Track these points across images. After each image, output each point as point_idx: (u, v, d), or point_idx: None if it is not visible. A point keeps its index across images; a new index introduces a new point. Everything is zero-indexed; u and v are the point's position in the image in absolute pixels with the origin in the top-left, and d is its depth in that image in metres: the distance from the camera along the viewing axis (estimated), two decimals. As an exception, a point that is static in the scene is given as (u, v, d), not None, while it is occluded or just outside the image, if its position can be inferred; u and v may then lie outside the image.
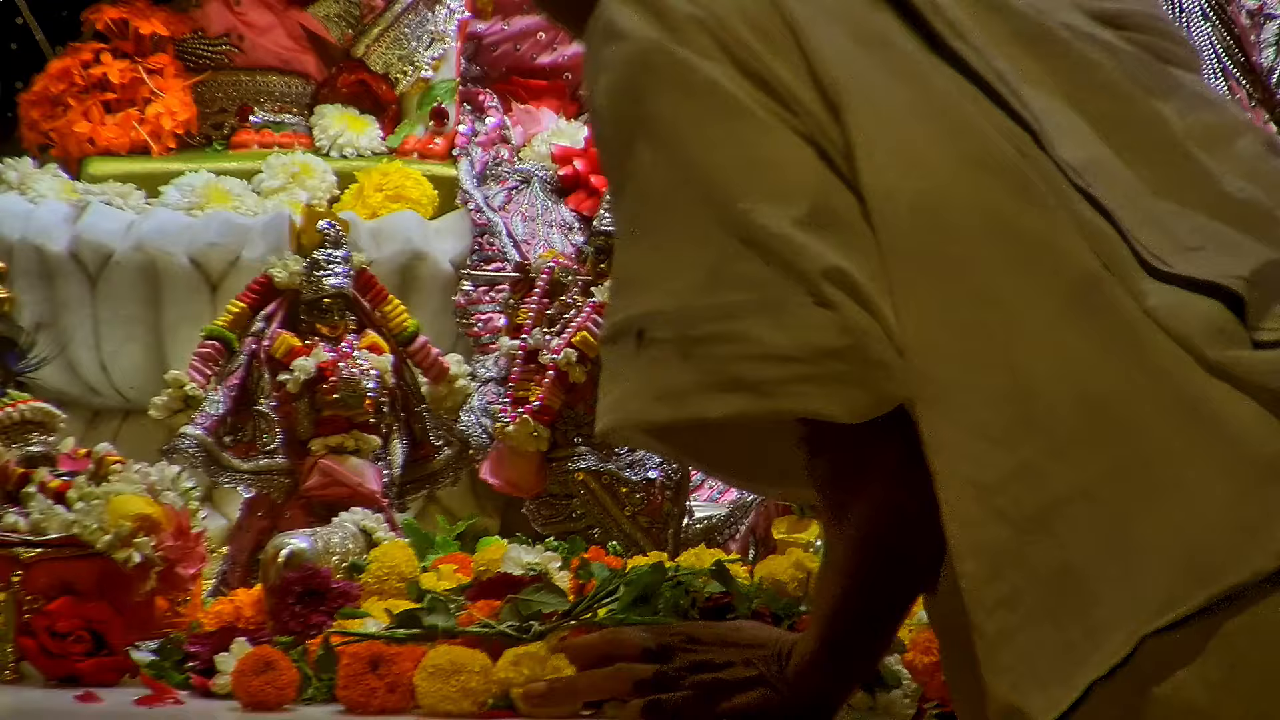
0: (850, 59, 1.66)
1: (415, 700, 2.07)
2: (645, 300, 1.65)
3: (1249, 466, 1.57)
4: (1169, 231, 1.65)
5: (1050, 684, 1.56)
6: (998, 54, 1.70)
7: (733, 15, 1.66)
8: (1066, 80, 1.71)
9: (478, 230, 3.12)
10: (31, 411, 2.57)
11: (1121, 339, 1.59)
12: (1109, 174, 1.67)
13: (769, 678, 1.87)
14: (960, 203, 1.63)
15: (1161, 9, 1.84)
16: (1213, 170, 1.71)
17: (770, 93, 1.65)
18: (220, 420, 2.65)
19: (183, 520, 2.41)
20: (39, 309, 3.06)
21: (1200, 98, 1.79)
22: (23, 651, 2.29)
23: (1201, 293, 1.60)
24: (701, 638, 1.93)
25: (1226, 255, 1.65)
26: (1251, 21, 3.14)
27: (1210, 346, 1.59)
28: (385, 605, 2.22)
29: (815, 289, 1.60)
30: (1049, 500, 1.57)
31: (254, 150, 3.33)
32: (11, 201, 3.18)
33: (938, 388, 1.60)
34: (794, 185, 1.63)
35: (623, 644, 1.95)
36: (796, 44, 1.66)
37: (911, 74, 1.68)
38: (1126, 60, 1.75)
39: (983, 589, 1.58)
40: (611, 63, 1.70)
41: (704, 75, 1.65)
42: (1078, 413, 1.58)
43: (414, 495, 2.80)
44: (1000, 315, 1.60)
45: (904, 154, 1.64)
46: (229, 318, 2.70)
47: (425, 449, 2.77)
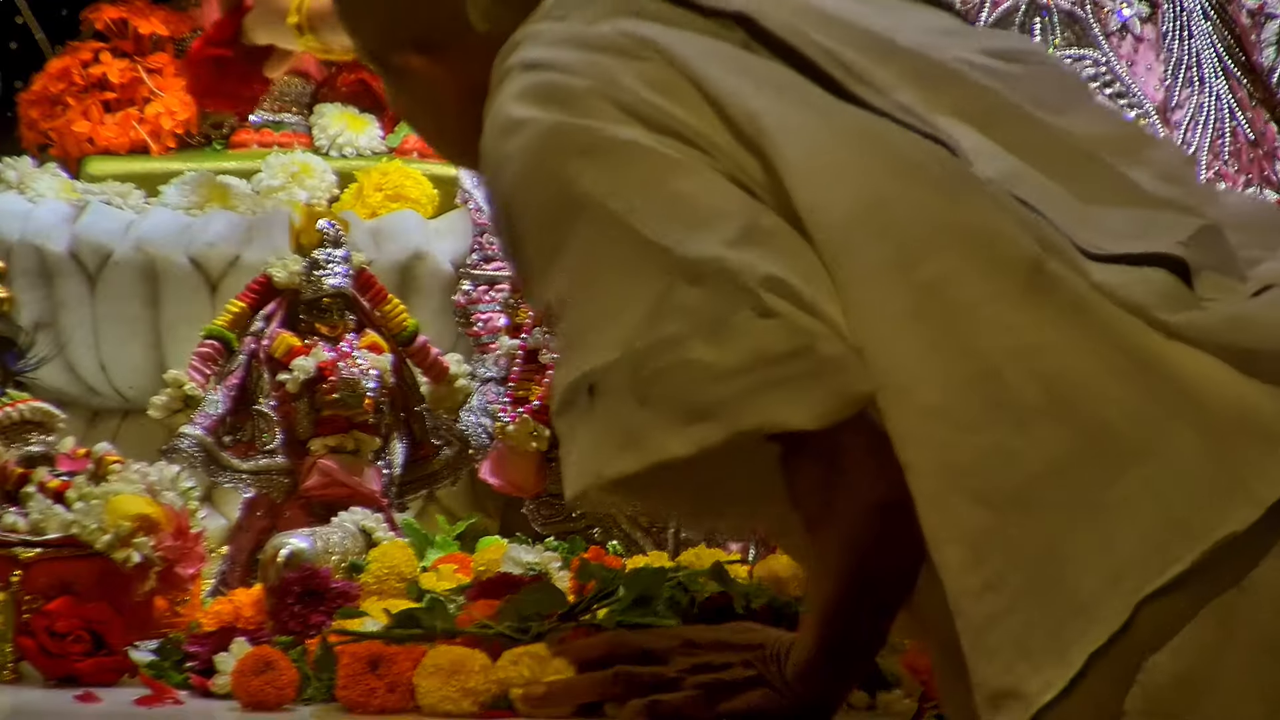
0: (760, 98, 1.67)
1: (415, 700, 2.07)
2: (590, 357, 1.65)
3: (1219, 419, 1.57)
4: (1103, 227, 1.67)
5: (1045, 663, 1.56)
6: (899, 91, 1.70)
7: (631, 79, 1.68)
8: (971, 108, 1.73)
9: (478, 230, 3.12)
10: (31, 411, 2.57)
11: (1076, 314, 1.60)
12: (1032, 185, 1.68)
13: (768, 678, 1.87)
14: (897, 206, 1.63)
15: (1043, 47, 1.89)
16: (1131, 174, 1.72)
17: (684, 141, 1.66)
18: (220, 420, 2.64)
19: (182, 520, 2.40)
20: (38, 309, 3.06)
21: (1101, 112, 1.84)
22: (22, 651, 2.29)
23: (1146, 265, 1.61)
24: (700, 641, 1.94)
25: (1164, 234, 1.65)
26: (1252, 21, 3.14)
27: (1163, 311, 1.59)
28: (385, 605, 2.22)
29: (755, 301, 1.60)
30: (1024, 478, 1.57)
31: (254, 150, 3.33)
32: (11, 201, 3.18)
33: (899, 380, 1.60)
34: (720, 211, 1.64)
35: (622, 646, 1.95)
36: (701, 94, 1.67)
37: (819, 110, 1.69)
38: (1024, 85, 1.77)
39: (965, 575, 1.58)
40: (515, 153, 1.70)
41: (612, 134, 1.66)
42: (1042, 389, 1.58)
43: (414, 495, 2.80)
44: (954, 303, 1.60)
45: (832, 171, 1.65)
46: (228, 317, 2.70)
47: (425, 449, 2.76)
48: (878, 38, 1.76)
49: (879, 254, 1.61)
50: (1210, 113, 3.11)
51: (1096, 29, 3.09)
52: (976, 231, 1.61)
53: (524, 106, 1.69)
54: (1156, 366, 1.57)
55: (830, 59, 1.71)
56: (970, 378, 1.58)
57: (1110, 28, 3.09)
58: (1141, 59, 3.10)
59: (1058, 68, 1.94)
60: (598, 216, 1.65)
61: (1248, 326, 1.59)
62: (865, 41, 1.75)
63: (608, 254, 1.65)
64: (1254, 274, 1.67)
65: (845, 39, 1.74)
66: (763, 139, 1.64)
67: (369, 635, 2.13)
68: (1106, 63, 3.07)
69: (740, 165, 1.65)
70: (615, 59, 1.69)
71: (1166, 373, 1.57)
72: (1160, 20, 3.13)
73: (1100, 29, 3.09)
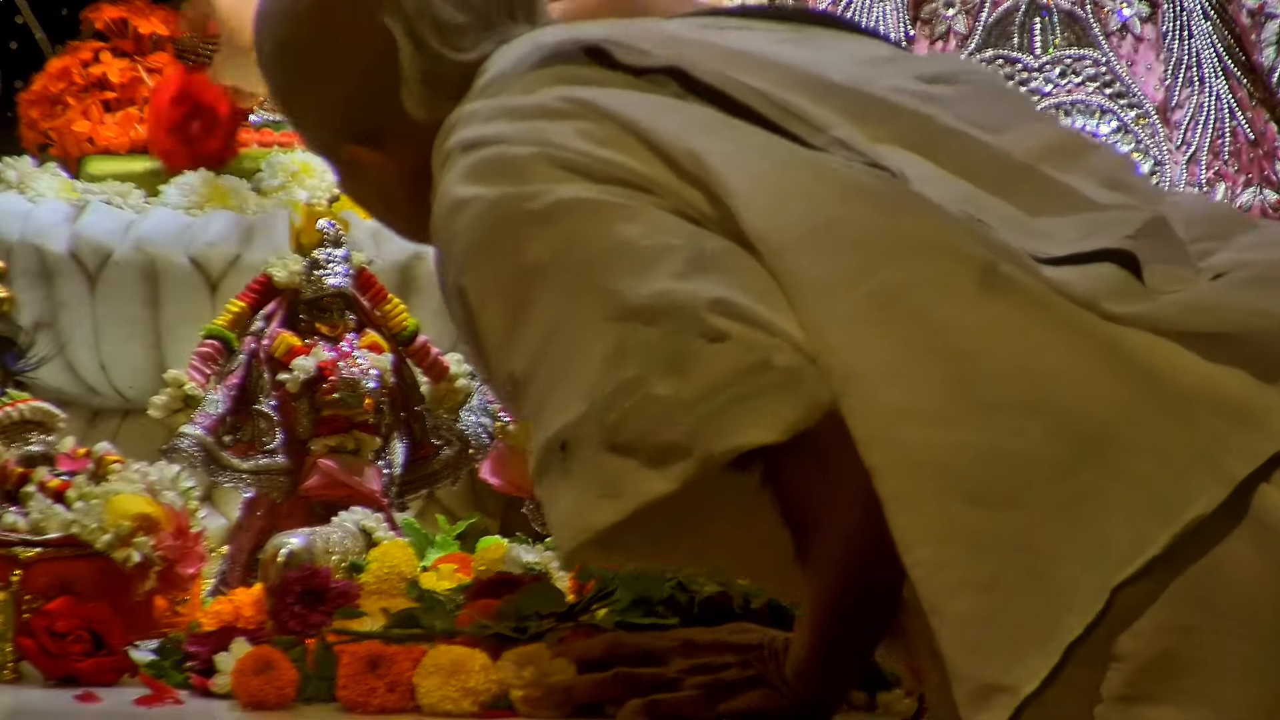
0: (699, 137, 1.70)
1: (415, 700, 2.07)
2: (558, 417, 1.67)
3: (1184, 398, 1.58)
4: (1050, 236, 1.69)
5: (1027, 653, 1.56)
6: (838, 127, 1.73)
7: (569, 137, 1.71)
8: (911, 136, 1.76)
9: (478, 230, 3.12)
10: (31, 411, 2.57)
11: (1033, 309, 1.61)
12: (977, 203, 1.70)
13: (768, 678, 1.88)
14: (844, 225, 1.66)
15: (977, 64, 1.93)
16: (1074, 184, 1.74)
17: (628, 186, 1.69)
18: (220, 420, 2.64)
19: (182, 520, 2.40)
20: (38, 308, 3.06)
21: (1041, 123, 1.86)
22: (22, 651, 2.29)
23: (1094, 262, 1.62)
24: (699, 642, 1.94)
25: (1110, 231, 1.67)
26: (1252, 21, 3.14)
27: (1114, 303, 1.61)
28: (385, 605, 2.22)
29: (705, 327, 1.62)
30: (993, 472, 1.58)
31: (254, 150, 3.33)
32: (11, 201, 3.18)
33: (861, 384, 1.61)
34: (665, 248, 1.66)
35: (621, 646, 1.95)
36: (640, 141, 1.70)
37: (759, 146, 1.72)
38: (961, 106, 1.80)
39: (941, 572, 1.58)
40: (463, 230, 1.74)
41: (556, 196, 1.69)
42: (1005, 382, 1.59)
43: (414, 495, 2.80)
44: (911, 307, 1.62)
45: (777, 196, 1.67)
46: (228, 317, 2.70)
47: (425, 449, 2.76)
48: (811, 76, 1.78)
49: (830, 268, 1.63)
50: (1210, 113, 3.11)
51: (1096, 29, 3.09)
52: (925, 242, 1.64)
53: (468, 185, 1.72)
54: (1118, 352, 1.59)
55: (764, 101, 1.74)
56: (932, 376, 1.59)
57: (1110, 28, 3.10)
58: (1141, 59, 3.10)
59: (994, 83, 1.98)
60: (551, 281, 1.68)
61: (1203, 311, 1.60)
62: (799, 80, 1.78)
63: (564, 315, 1.67)
64: (1207, 264, 1.67)
65: (778, 80, 1.77)
66: (706, 173, 1.67)
67: (369, 635, 2.13)
68: (1106, 63, 3.07)
69: (686, 200, 1.68)
70: (551, 121, 1.73)
71: (1129, 358, 1.58)
72: (1160, 20, 3.13)
73: (1100, 29, 3.09)
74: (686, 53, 1.80)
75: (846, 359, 1.60)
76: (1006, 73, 3.04)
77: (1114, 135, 3.03)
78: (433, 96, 1.89)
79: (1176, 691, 1.55)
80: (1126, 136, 3.03)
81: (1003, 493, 1.57)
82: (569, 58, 1.81)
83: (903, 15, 3.11)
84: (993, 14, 3.08)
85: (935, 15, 3.09)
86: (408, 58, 1.89)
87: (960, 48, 3.05)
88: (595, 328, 1.65)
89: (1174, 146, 3.05)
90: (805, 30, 1.92)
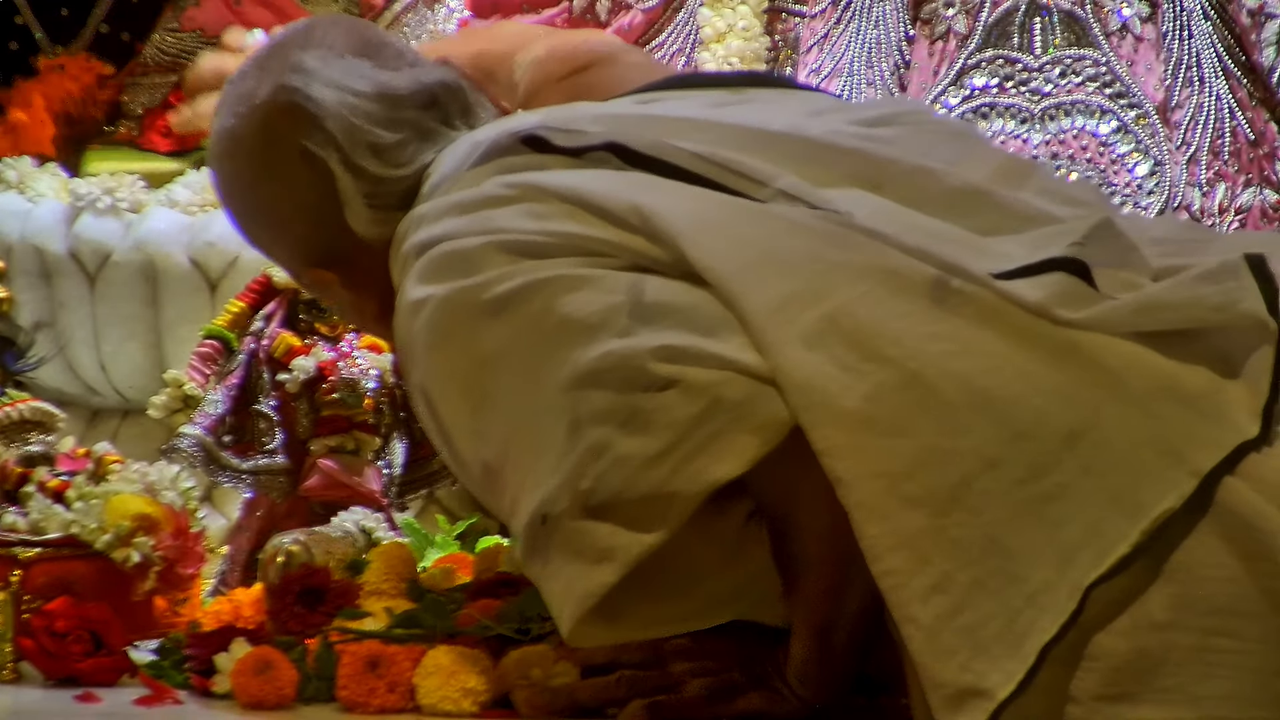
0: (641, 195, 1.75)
1: (415, 700, 2.07)
2: (534, 495, 1.71)
3: (1145, 395, 1.58)
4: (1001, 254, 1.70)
5: (1001, 656, 1.56)
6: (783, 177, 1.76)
7: (515, 219, 1.77)
8: (860, 172, 1.80)
9: (478, 230, 3.12)
10: (30, 411, 2.57)
11: (986, 318, 1.63)
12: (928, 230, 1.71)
13: (769, 679, 1.88)
14: (790, 255, 1.69)
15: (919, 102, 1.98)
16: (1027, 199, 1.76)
17: (578, 253, 1.73)
18: (219, 420, 2.64)
19: (182, 520, 2.40)
20: (38, 308, 3.06)
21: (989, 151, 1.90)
22: (22, 651, 2.29)
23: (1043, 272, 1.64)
24: (702, 641, 1.94)
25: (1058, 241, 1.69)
26: (1252, 21, 3.14)
27: (1066, 309, 1.62)
28: (385, 605, 2.22)
29: (651, 378, 1.66)
30: (958, 477, 1.59)
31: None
32: (10, 201, 3.18)
33: (819, 398, 1.62)
34: (607, 310, 1.70)
35: (625, 646, 1.95)
36: (582, 206, 1.76)
37: (700, 197, 1.77)
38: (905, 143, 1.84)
39: (911, 580, 1.58)
40: (420, 330, 1.80)
41: (505, 285, 1.74)
42: (964, 387, 1.60)
43: (414, 495, 2.80)
44: (864, 322, 1.63)
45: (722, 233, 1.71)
46: (228, 317, 2.70)
47: (425, 449, 2.76)
48: (751, 131, 1.83)
49: (780, 290, 1.66)
50: (1210, 113, 3.11)
51: (1096, 29, 3.09)
52: (875, 267, 1.67)
53: (422, 286, 1.78)
54: (1075, 355, 1.60)
55: (704, 163, 1.78)
56: (890, 386, 1.60)
57: (1110, 28, 3.09)
58: (1141, 59, 3.10)
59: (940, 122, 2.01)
60: (506, 366, 1.72)
61: (1156, 311, 1.60)
62: (739, 137, 1.83)
63: (523, 397, 1.71)
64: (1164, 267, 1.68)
65: (718, 140, 1.82)
66: (649, 221, 1.72)
67: (369, 635, 2.13)
68: (1106, 63, 3.07)
69: (637, 251, 1.73)
70: (498, 208, 1.78)
71: (1087, 359, 1.59)
72: (1160, 20, 3.13)
73: (1100, 29, 3.09)
74: (623, 127, 1.85)
75: (804, 374, 1.62)
76: (1006, 73, 3.04)
77: (1114, 135, 3.03)
78: (378, 215, 1.96)
79: (1154, 690, 1.55)
80: (1126, 136, 3.03)
81: (965, 498, 1.57)
82: (507, 150, 1.87)
83: (903, 15, 3.11)
84: (993, 14, 3.08)
85: (935, 15, 3.09)
86: (347, 186, 1.96)
87: (960, 48, 3.05)
88: (553, 403, 1.69)
89: (1174, 146, 3.05)
90: (744, 91, 1.97)
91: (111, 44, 3.55)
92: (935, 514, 1.58)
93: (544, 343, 1.71)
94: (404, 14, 3.43)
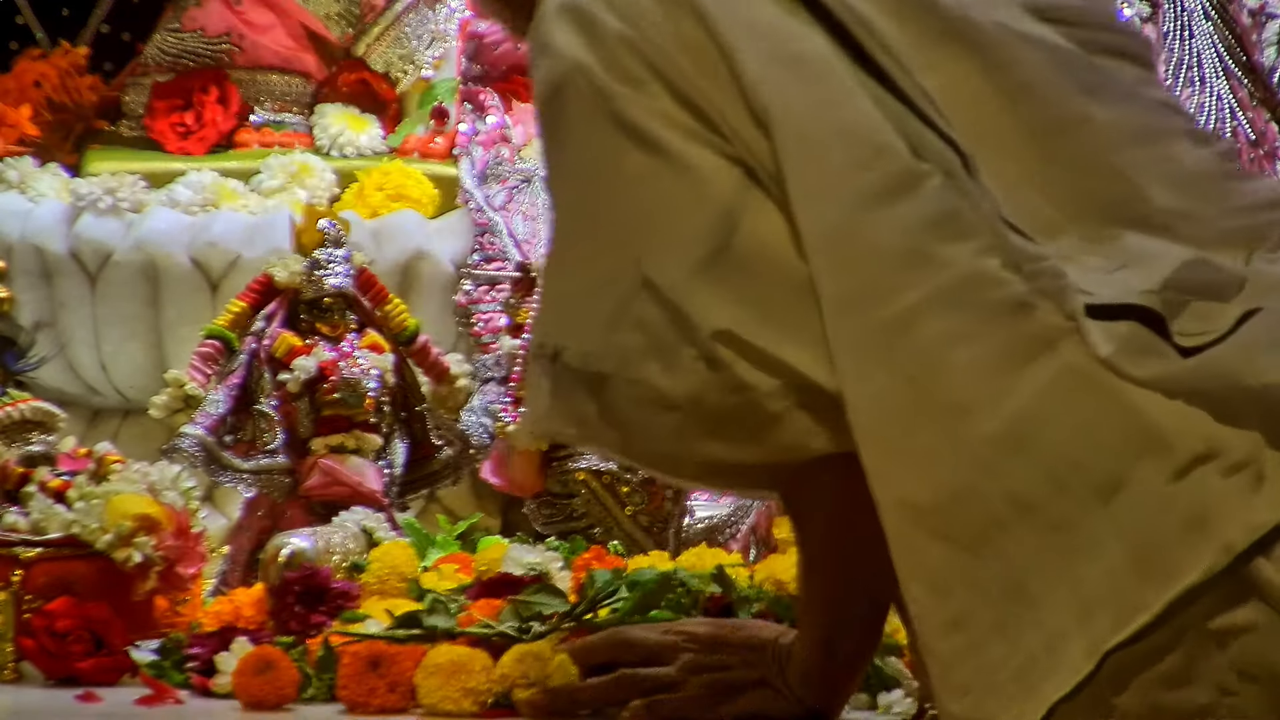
0: (776, 82, 1.65)
1: (416, 700, 2.07)
2: (559, 329, 1.68)
3: (1188, 460, 1.55)
4: (1092, 254, 1.64)
5: (1013, 700, 1.54)
6: (926, 67, 1.66)
7: (666, 38, 1.66)
8: (995, 83, 1.69)
9: (479, 230, 3.12)
10: (31, 411, 2.57)
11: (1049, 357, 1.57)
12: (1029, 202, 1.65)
13: (770, 680, 1.87)
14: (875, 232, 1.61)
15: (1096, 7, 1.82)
16: (1138, 180, 1.69)
17: (699, 116, 1.64)
18: (220, 420, 2.64)
19: (183, 520, 2.40)
20: (38, 308, 3.06)
21: (1133, 95, 1.76)
22: (22, 651, 2.29)
23: (1118, 318, 1.58)
24: (702, 637, 1.94)
25: (1144, 269, 1.63)
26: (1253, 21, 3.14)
27: (1134, 366, 1.56)
28: (386, 605, 2.22)
29: (705, 349, 1.62)
30: (989, 517, 1.56)
31: (254, 150, 3.33)
32: (11, 201, 3.18)
33: (867, 419, 1.59)
34: (694, 232, 1.63)
35: (625, 645, 1.95)
36: (728, 67, 1.65)
37: (835, 98, 1.66)
38: (1058, 55, 1.72)
39: (933, 612, 1.56)
40: (541, 78, 1.71)
41: (619, 108, 1.65)
42: (1010, 430, 1.56)
43: (415, 495, 2.80)
44: (924, 342, 1.58)
45: (822, 184, 1.62)
46: (229, 317, 2.70)
47: (426, 449, 2.76)
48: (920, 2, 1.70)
49: (847, 286, 1.60)
50: (1210, 113, 3.11)
51: (1097, 29, 3.09)
52: (960, 270, 1.59)
53: (562, 27, 1.68)
54: (1128, 410, 1.55)
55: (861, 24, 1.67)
56: (935, 416, 1.57)
57: (1111, 28, 3.09)
58: (1142, 59, 3.09)
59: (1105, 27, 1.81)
60: (585, 196, 1.67)
61: (1216, 373, 1.55)
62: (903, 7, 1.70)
63: (587, 237, 1.67)
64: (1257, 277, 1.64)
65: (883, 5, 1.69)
66: (772, 134, 1.63)
67: (370, 635, 2.13)
68: (1107, 63, 3.07)
69: (750, 147, 1.63)
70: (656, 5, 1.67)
71: (1136, 416, 1.55)
72: (1161, 20, 3.13)
73: (1101, 29, 3.09)
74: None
75: (855, 389, 1.59)
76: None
77: (1115, 135, 3.03)
78: None
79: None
80: (1127, 137, 3.03)
81: (993, 539, 1.55)
82: None
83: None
84: (994, 14, 3.07)
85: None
86: None
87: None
88: (609, 270, 1.64)
89: (1175, 147, 3.05)
90: None
91: (112, 44, 3.56)
92: (962, 550, 1.56)
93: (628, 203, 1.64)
94: (405, 14, 3.43)
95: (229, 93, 3.35)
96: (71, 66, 3.40)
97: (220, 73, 3.36)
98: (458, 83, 3.40)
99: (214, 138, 3.33)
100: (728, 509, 2.90)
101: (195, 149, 3.31)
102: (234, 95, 3.35)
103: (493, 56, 3.44)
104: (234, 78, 3.37)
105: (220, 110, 3.34)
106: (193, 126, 3.34)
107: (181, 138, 3.33)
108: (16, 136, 3.30)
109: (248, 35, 3.39)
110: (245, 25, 3.40)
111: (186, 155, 3.30)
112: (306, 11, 3.43)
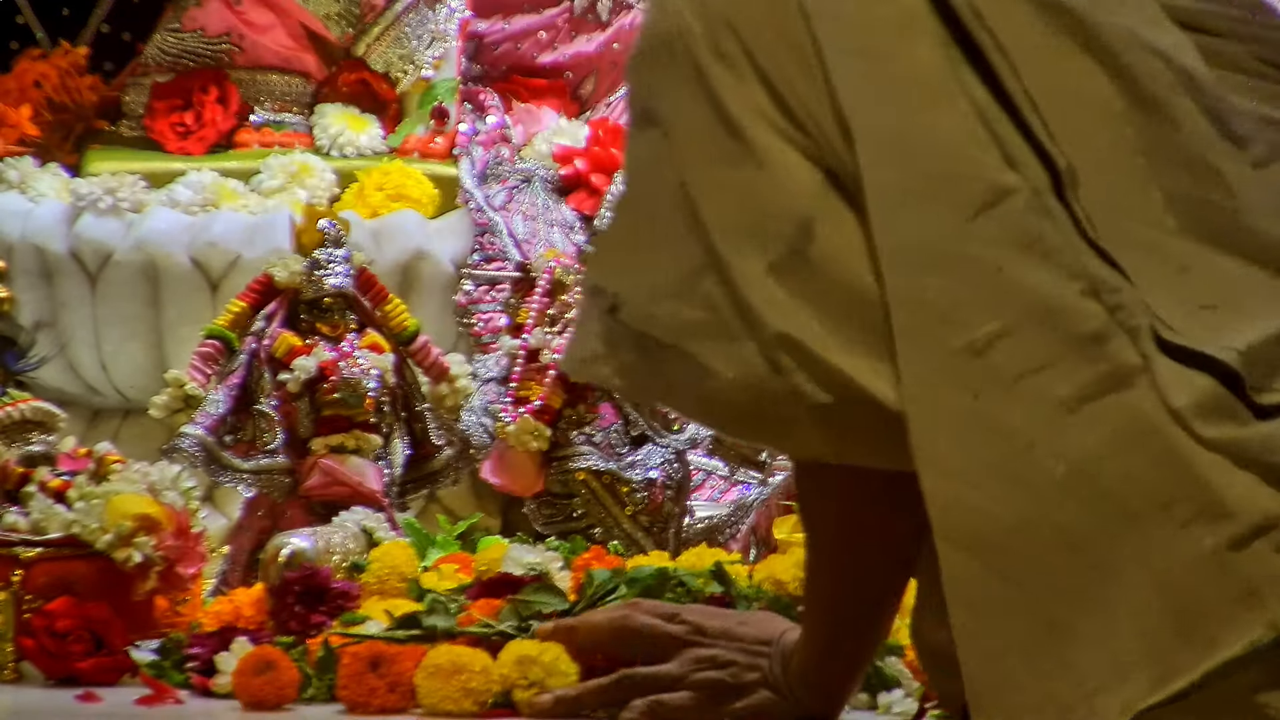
0: (866, 80, 1.61)
1: (416, 700, 2.07)
2: (620, 279, 1.65)
3: (1243, 529, 1.52)
4: (1185, 285, 1.58)
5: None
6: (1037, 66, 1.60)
7: (764, 24, 1.62)
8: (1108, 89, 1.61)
9: (479, 230, 3.12)
10: (31, 411, 2.57)
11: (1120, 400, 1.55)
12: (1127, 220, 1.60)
13: (771, 680, 1.87)
14: (962, 255, 1.57)
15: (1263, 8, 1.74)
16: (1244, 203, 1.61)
17: (785, 110, 1.61)
18: (220, 420, 2.64)
19: (183, 520, 2.40)
20: (39, 308, 3.06)
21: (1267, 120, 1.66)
22: (22, 651, 2.29)
23: (1199, 367, 1.54)
24: (707, 630, 1.93)
25: (1235, 316, 1.58)
26: (1253, 21, 3.13)
27: (1205, 426, 1.54)
28: (386, 605, 2.22)
29: (768, 349, 1.59)
30: (1036, 553, 1.54)
31: (254, 150, 3.33)
32: (11, 201, 3.18)
33: (928, 442, 1.56)
34: (774, 229, 1.60)
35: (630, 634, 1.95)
36: (820, 61, 1.61)
37: (931, 99, 1.61)
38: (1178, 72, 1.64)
39: (973, 640, 1.55)
40: (647, 24, 1.68)
41: (714, 88, 1.62)
42: (1072, 469, 1.53)
43: (415, 495, 2.80)
44: (996, 371, 1.54)
45: (907, 202, 1.58)
46: (229, 317, 2.70)
47: (426, 449, 2.76)
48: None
49: (920, 306, 1.55)
50: (1211, 113, 3.11)
51: (1098, 29, 3.08)
52: (1040, 299, 1.55)
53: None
54: (1191, 470, 1.52)
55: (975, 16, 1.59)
56: (999, 446, 1.54)
57: (1111, 28, 3.09)
58: (1143, 59, 3.09)
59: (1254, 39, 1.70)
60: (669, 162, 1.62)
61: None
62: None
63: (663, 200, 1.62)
64: None
65: None
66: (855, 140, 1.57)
67: (370, 636, 2.13)
68: (1108, 63, 3.06)
69: (834, 148, 1.58)
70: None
71: (1196, 475, 1.52)
72: None
73: (1101, 29, 3.08)
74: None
75: (918, 410, 1.56)
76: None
77: (1115, 135, 3.03)
78: None
79: None
80: (1128, 137, 3.03)
81: (1037, 575, 1.53)
82: None
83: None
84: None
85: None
86: None
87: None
88: (682, 239, 1.61)
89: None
90: None
91: (112, 44, 3.56)
92: (1007, 583, 1.54)
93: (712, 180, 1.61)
94: (405, 14, 3.43)
95: (229, 93, 3.35)
96: (72, 66, 3.40)
97: (220, 73, 3.36)
98: (458, 83, 3.40)
99: (214, 138, 3.33)
100: (728, 509, 2.90)
101: (195, 149, 3.31)
102: (234, 95, 3.35)
103: (493, 57, 3.44)
104: (234, 78, 3.37)
105: (220, 110, 3.34)
106: (193, 126, 3.33)
107: (181, 138, 3.33)
108: (16, 136, 3.30)
109: (248, 35, 3.39)
110: (245, 25, 3.40)
111: (186, 155, 3.29)
112: (306, 11, 3.43)
